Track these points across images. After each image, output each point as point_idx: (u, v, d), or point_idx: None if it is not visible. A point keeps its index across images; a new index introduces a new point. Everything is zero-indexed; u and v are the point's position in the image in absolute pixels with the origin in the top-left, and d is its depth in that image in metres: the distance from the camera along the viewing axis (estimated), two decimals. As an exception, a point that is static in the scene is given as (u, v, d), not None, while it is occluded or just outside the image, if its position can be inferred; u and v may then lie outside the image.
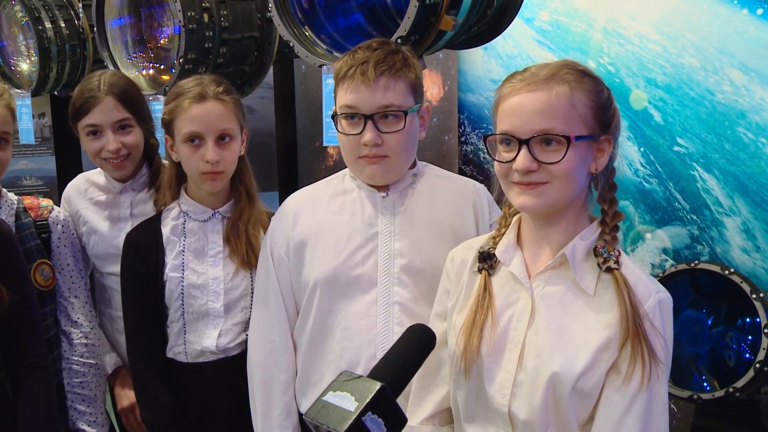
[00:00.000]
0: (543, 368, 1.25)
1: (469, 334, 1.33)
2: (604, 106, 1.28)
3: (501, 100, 1.29)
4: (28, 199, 2.01)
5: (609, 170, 1.32)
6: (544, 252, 1.33)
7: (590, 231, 1.31)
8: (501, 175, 1.31)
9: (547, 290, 1.31)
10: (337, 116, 1.61)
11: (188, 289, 1.84)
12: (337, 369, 1.62)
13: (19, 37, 3.26)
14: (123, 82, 2.08)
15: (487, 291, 1.36)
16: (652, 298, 1.25)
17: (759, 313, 1.96)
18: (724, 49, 2.26)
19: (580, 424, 1.26)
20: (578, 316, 1.27)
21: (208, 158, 1.76)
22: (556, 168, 1.23)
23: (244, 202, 1.89)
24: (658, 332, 1.23)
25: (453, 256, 1.49)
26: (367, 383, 1.00)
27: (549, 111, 1.23)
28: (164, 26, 2.60)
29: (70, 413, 1.99)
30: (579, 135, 1.24)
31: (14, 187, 4.26)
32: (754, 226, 2.24)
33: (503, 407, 1.29)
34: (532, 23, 2.74)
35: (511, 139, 1.26)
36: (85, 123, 2.02)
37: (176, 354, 1.87)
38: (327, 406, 0.99)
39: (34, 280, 1.90)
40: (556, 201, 1.27)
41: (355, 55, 1.58)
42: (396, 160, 1.62)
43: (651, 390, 1.22)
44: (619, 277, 1.25)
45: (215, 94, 1.78)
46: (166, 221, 1.88)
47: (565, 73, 1.25)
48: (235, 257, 1.84)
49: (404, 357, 1.12)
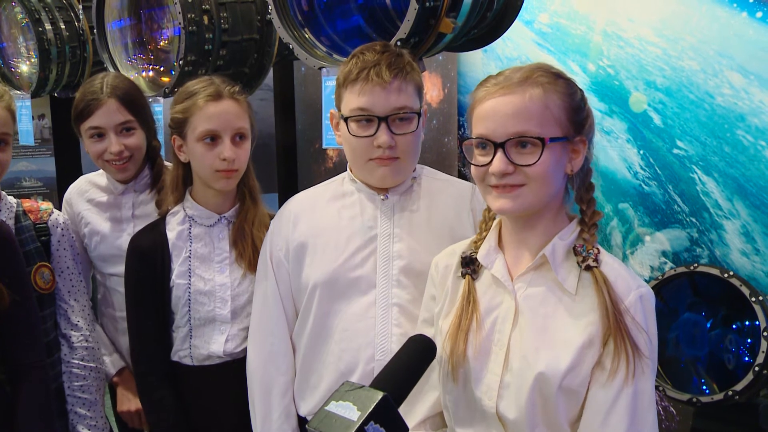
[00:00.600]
0: (528, 369, 1.26)
1: (455, 339, 1.34)
2: (578, 108, 1.29)
3: (476, 104, 1.31)
4: (28, 202, 2.01)
5: (585, 171, 1.34)
6: (525, 254, 1.34)
7: (569, 231, 1.33)
8: (478, 179, 1.32)
9: (530, 291, 1.32)
10: (348, 119, 1.59)
11: (195, 295, 1.84)
12: (336, 371, 1.63)
13: (19, 38, 3.27)
14: (125, 85, 2.08)
15: (471, 295, 1.37)
16: (633, 294, 1.25)
17: (758, 316, 1.96)
18: (724, 52, 2.26)
19: (569, 422, 1.27)
20: (561, 316, 1.28)
21: (226, 155, 1.76)
22: (531, 170, 1.24)
23: (248, 203, 1.90)
24: (640, 327, 1.23)
25: (437, 262, 1.50)
26: (370, 393, 1.02)
27: (523, 113, 1.24)
28: (164, 28, 2.60)
29: (70, 417, 1.98)
30: (553, 137, 1.25)
31: (13, 188, 4.26)
32: (753, 229, 2.24)
33: (491, 409, 1.30)
34: (531, 26, 2.74)
35: (486, 142, 1.27)
36: (88, 125, 2.02)
37: (181, 357, 1.87)
38: (330, 416, 1.01)
39: (34, 283, 1.90)
40: (533, 203, 1.29)
41: (364, 57, 1.58)
42: (406, 162, 1.63)
43: (636, 384, 1.22)
44: (598, 275, 1.26)
45: (230, 93, 1.80)
46: (171, 225, 1.88)
47: (539, 76, 1.26)
48: (242, 261, 1.85)
49: (406, 367, 1.14)
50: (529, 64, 1.31)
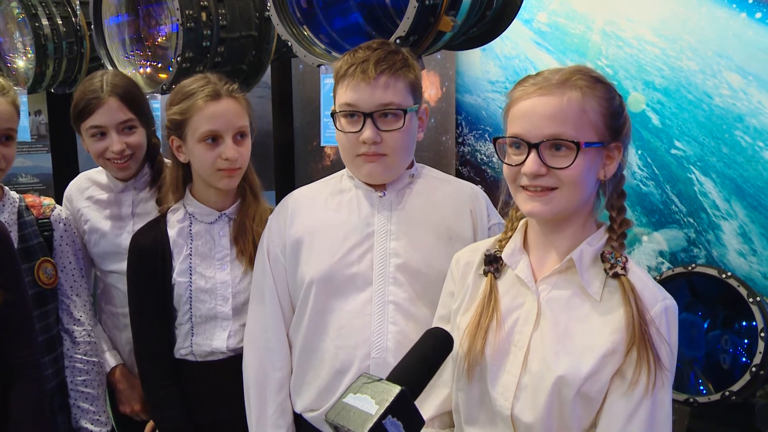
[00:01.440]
0: (548, 371, 1.25)
1: (473, 336, 1.33)
2: (616, 113, 1.28)
3: (512, 103, 1.29)
4: (30, 198, 2.01)
5: (618, 178, 1.32)
6: (551, 256, 1.33)
7: (597, 237, 1.31)
8: (509, 179, 1.31)
9: (554, 294, 1.31)
10: (336, 114, 1.61)
11: (196, 293, 1.84)
12: (331, 368, 1.62)
13: (16, 33, 3.26)
14: (125, 83, 2.08)
15: (492, 294, 1.36)
16: (659, 305, 1.25)
17: (755, 316, 1.96)
18: (723, 52, 2.26)
19: (582, 429, 1.26)
20: (584, 321, 1.27)
21: (228, 155, 1.76)
22: (564, 173, 1.23)
23: (249, 199, 1.90)
24: (663, 338, 1.23)
25: (458, 258, 1.49)
26: (387, 386, 1.02)
27: (560, 116, 1.23)
28: (162, 24, 2.59)
29: (72, 411, 1.99)
30: (589, 141, 1.24)
31: (10, 184, 4.24)
32: (750, 229, 2.24)
33: (506, 410, 1.29)
34: (530, 25, 2.74)
35: (520, 142, 1.26)
36: (90, 124, 2.01)
37: (184, 355, 1.87)
38: (347, 408, 1.01)
39: (37, 278, 1.91)
40: (565, 208, 1.27)
41: (356, 54, 1.59)
42: (394, 159, 1.62)
43: (655, 396, 1.22)
44: (626, 283, 1.25)
45: (229, 92, 1.79)
46: (171, 223, 1.88)
47: (578, 79, 1.25)
48: (243, 257, 1.85)
49: (423, 360, 1.14)
50: (570, 66, 1.30)
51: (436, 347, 1.17)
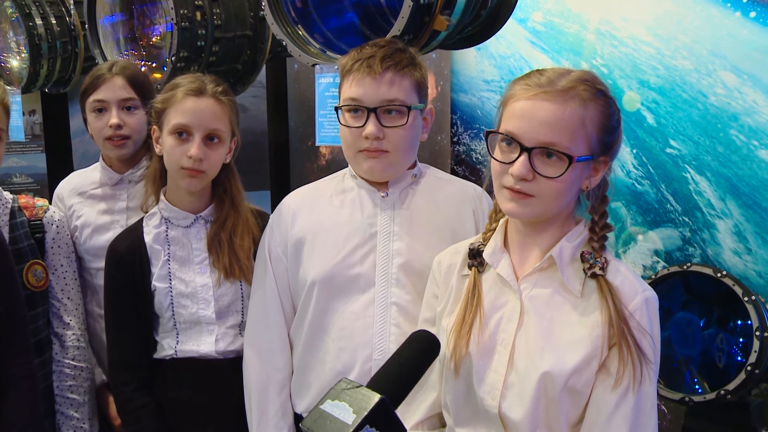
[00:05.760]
0: (534, 368, 1.26)
1: (458, 333, 1.33)
2: (611, 129, 1.27)
3: (511, 97, 1.27)
4: (24, 198, 1.98)
5: (602, 186, 1.32)
6: (532, 254, 1.34)
7: (576, 232, 1.32)
8: (495, 174, 1.31)
9: (535, 292, 1.31)
10: (340, 109, 1.61)
11: (177, 298, 1.81)
12: (333, 369, 1.62)
13: (9, 33, 3.24)
14: (135, 68, 2.14)
15: (476, 289, 1.36)
16: (638, 297, 1.25)
17: (750, 315, 1.96)
18: (717, 51, 2.26)
19: (570, 424, 1.27)
20: (567, 317, 1.27)
21: (192, 153, 1.72)
22: (550, 183, 1.23)
23: (227, 209, 1.84)
24: (645, 331, 1.24)
25: (440, 261, 1.48)
26: (367, 395, 0.98)
27: (559, 125, 1.22)
28: (156, 24, 2.58)
29: (57, 417, 1.95)
30: (581, 155, 1.23)
31: (3, 184, 4.22)
32: (745, 228, 2.24)
33: (493, 408, 1.29)
34: (525, 24, 2.74)
35: (513, 141, 1.25)
36: (92, 99, 2.05)
37: (170, 355, 1.83)
38: (324, 416, 0.98)
39: (26, 281, 1.87)
40: (542, 213, 1.28)
41: (363, 50, 1.59)
42: (396, 156, 1.61)
43: (640, 389, 1.23)
44: (603, 284, 1.26)
45: (213, 92, 1.77)
46: (148, 229, 1.85)
47: (583, 90, 1.24)
48: (218, 266, 1.81)
49: (406, 366, 1.10)
50: (576, 71, 1.27)
51: (422, 350, 1.12)
